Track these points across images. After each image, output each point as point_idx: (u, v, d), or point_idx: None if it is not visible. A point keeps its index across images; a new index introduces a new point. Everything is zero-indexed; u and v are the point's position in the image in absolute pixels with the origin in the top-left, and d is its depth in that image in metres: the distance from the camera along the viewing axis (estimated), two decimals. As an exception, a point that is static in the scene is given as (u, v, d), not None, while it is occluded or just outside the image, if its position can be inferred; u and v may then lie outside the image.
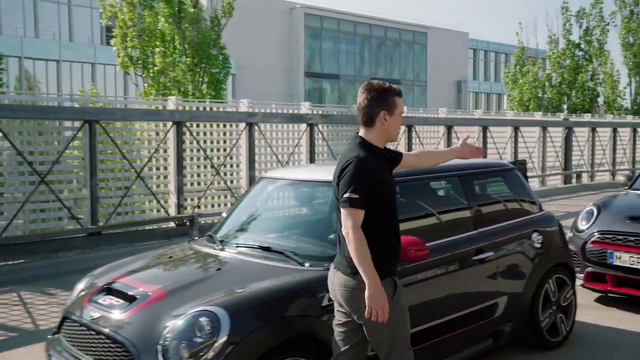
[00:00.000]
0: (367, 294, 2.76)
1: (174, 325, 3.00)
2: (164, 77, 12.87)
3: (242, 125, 9.95)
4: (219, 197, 9.96)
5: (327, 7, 40.33)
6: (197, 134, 9.60)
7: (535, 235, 4.65)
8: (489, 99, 54.78)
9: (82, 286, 3.78)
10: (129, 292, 3.37)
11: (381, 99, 2.94)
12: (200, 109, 10.18)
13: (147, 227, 8.86)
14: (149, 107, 10.16)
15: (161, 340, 2.97)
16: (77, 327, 3.39)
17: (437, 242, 3.92)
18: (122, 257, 4.24)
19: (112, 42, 13.18)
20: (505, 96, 28.88)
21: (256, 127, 10.05)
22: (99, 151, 8.40)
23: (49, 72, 32.94)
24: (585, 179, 17.30)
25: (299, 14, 38.93)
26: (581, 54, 24.93)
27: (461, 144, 3.40)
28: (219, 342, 2.91)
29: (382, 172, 2.94)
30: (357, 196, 2.78)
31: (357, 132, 3.04)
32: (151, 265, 3.88)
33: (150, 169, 9.13)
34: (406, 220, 3.66)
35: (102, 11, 13.28)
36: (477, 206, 4.36)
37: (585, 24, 24.98)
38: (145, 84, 13.40)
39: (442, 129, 13.39)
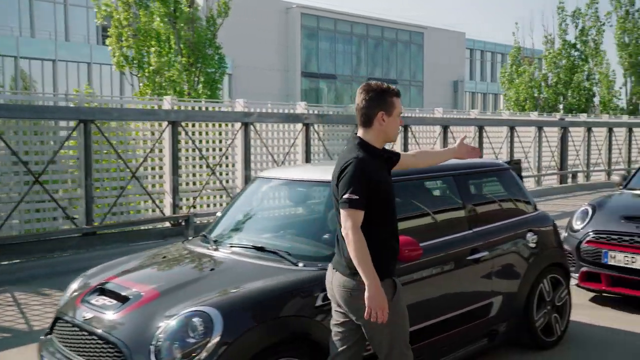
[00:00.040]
0: (366, 295, 2.76)
1: (166, 325, 2.99)
2: (159, 76, 12.84)
3: (237, 125, 9.94)
4: (215, 197, 9.94)
5: (323, 7, 40.35)
6: (193, 134, 9.58)
7: (530, 235, 4.65)
8: (486, 99, 54.88)
9: (75, 286, 3.77)
10: (122, 293, 3.36)
11: (379, 99, 2.94)
12: (195, 108, 10.16)
13: (143, 227, 8.84)
14: (144, 106, 10.14)
15: (154, 340, 2.95)
16: (69, 327, 3.38)
17: (432, 242, 3.92)
18: (117, 257, 4.23)
19: (108, 41, 13.13)
20: (501, 96, 28.92)
21: (252, 127, 10.04)
22: (94, 151, 8.37)
23: (44, 72, 32.88)
24: (580, 179, 17.33)
25: (295, 14, 38.93)
26: (577, 54, 25.00)
27: (458, 144, 3.41)
28: (212, 342, 2.90)
29: (380, 173, 2.94)
30: (357, 197, 2.79)
31: (356, 132, 3.04)
32: (145, 265, 3.87)
33: (145, 168, 9.11)
34: (401, 220, 3.63)
35: (96, 11, 13.22)
36: (471, 206, 4.36)
37: (581, 24, 25.05)
38: (140, 84, 13.37)
39: (438, 129, 13.40)
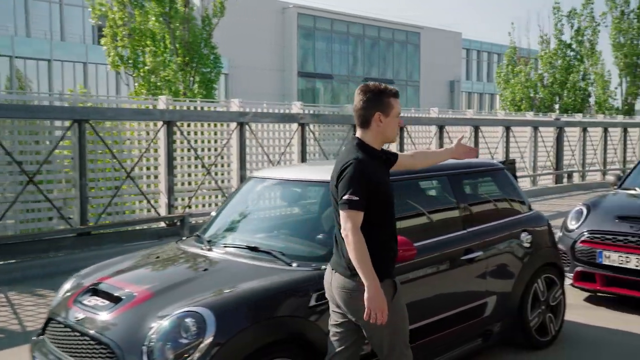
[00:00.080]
0: (366, 296, 2.76)
1: (159, 326, 2.97)
2: (154, 76, 12.81)
3: (233, 124, 9.92)
4: (210, 197, 9.92)
5: (320, 7, 40.34)
6: (188, 134, 9.56)
7: (524, 235, 4.65)
8: (482, 99, 54.95)
9: (67, 287, 3.75)
10: (114, 293, 3.34)
11: (376, 100, 2.94)
12: (191, 108, 10.14)
13: (138, 227, 8.81)
14: (139, 106, 10.11)
15: (146, 341, 2.94)
16: (61, 328, 3.36)
17: (426, 242, 3.91)
18: (112, 258, 4.21)
19: (102, 41, 13.10)
20: (497, 96, 28.95)
21: (247, 127, 10.02)
22: (89, 151, 8.35)
23: (40, 72, 32.78)
24: (576, 179, 17.37)
25: (291, 14, 38.91)
26: (573, 54, 25.05)
27: (456, 145, 3.42)
28: (204, 343, 2.89)
29: (379, 174, 2.95)
30: (357, 198, 2.79)
31: (355, 133, 3.04)
32: (138, 265, 3.85)
33: (140, 168, 9.08)
34: (395, 219, 3.65)
35: (91, 10, 13.18)
36: (466, 206, 4.35)
37: (576, 24, 25.11)
38: (136, 84, 13.34)
39: (433, 129, 13.41)
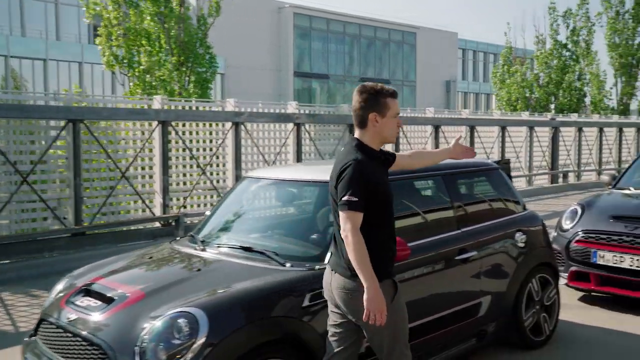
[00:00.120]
0: (365, 297, 2.76)
1: (152, 326, 2.96)
2: (149, 76, 12.77)
3: (228, 124, 9.90)
4: (205, 197, 9.90)
5: (316, 7, 40.33)
6: (183, 134, 9.54)
7: (518, 234, 4.65)
8: (478, 99, 55.03)
9: (60, 287, 3.74)
10: (107, 294, 3.33)
11: (372, 101, 2.94)
12: (186, 108, 10.12)
13: (132, 228, 8.79)
14: (134, 106, 10.08)
15: (139, 342, 2.92)
16: (53, 329, 3.34)
17: (420, 241, 3.91)
18: (106, 258, 4.19)
19: (97, 40, 13.05)
20: (493, 96, 28.99)
21: (243, 127, 10.00)
22: (84, 151, 8.32)
23: (35, 71, 32.67)
24: (571, 179, 17.40)
25: (288, 14, 38.88)
26: (568, 54, 25.10)
27: (454, 144, 3.42)
28: (197, 343, 2.87)
29: (378, 174, 2.95)
30: (356, 199, 2.79)
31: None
32: (131, 266, 3.84)
33: (135, 168, 9.06)
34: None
35: (85, 9, 13.14)
36: (460, 206, 4.35)
37: (572, 24, 25.16)
38: (131, 84, 13.29)
39: (429, 129, 13.42)
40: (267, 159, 10.44)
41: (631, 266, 5.49)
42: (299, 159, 10.69)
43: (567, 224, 6.14)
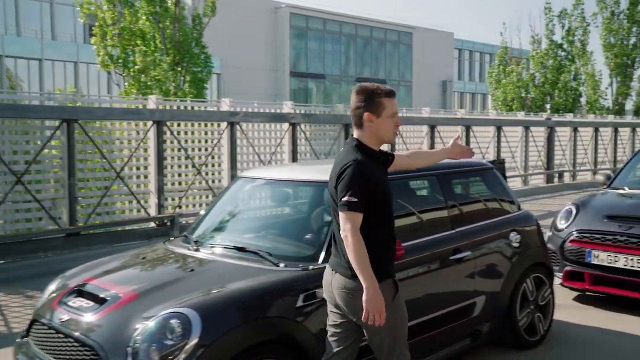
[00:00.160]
0: (364, 298, 2.77)
1: (144, 327, 2.94)
2: (144, 76, 12.74)
3: (223, 124, 9.89)
4: (201, 197, 9.88)
5: (312, 7, 40.31)
6: (178, 134, 9.52)
7: (513, 234, 4.65)
8: (474, 99, 55.09)
9: (53, 288, 3.72)
10: (99, 294, 3.31)
11: (367, 100, 2.95)
12: (181, 108, 10.09)
13: (127, 228, 8.76)
14: (129, 106, 10.06)
15: (131, 342, 2.91)
16: (45, 330, 3.32)
17: (414, 241, 3.90)
18: (101, 258, 4.17)
19: (92, 40, 13.01)
20: (489, 96, 29.03)
21: (238, 127, 9.99)
22: (78, 151, 8.29)
23: (31, 71, 32.56)
24: (567, 179, 17.44)
25: (284, 14, 38.85)
26: (564, 54, 25.15)
27: (452, 144, 3.42)
28: (190, 344, 2.86)
29: (377, 174, 2.95)
30: (356, 199, 2.79)
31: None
32: (124, 266, 3.82)
33: (130, 168, 9.03)
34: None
35: (79, 9, 13.09)
36: (454, 206, 4.34)
37: (567, 24, 25.21)
38: (126, 83, 13.26)
39: (425, 129, 13.42)
40: (263, 158, 10.42)
41: (625, 266, 5.50)
42: (294, 158, 10.68)
43: (561, 224, 6.15)
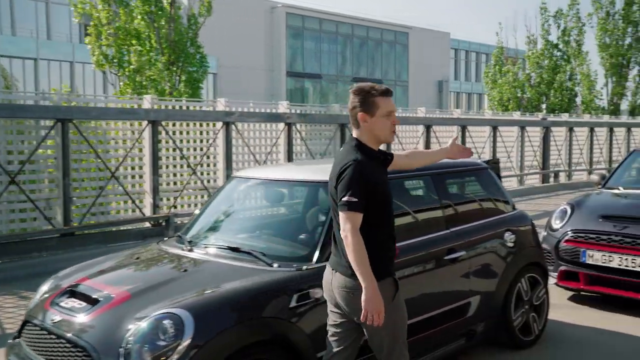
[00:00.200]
0: (363, 298, 2.76)
1: (137, 328, 2.93)
2: (140, 75, 12.70)
3: (219, 124, 9.87)
4: (196, 197, 9.86)
5: (308, 7, 40.30)
6: (173, 133, 9.49)
7: (508, 234, 4.64)
8: (470, 99, 55.18)
9: (45, 288, 3.70)
10: (92, 295, 3.29)
11: (361, 100, 2.95)
12: (176, 107, 10.07)
13: (122, 228, 8.74)
14: (124, 106, 10.03)
15: (124, 343, 2.90)
16: (38, 331, 3.30)
17: (409, 241, 3.89)
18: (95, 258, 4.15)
19: (87, 40, 12.97)
20: (485, 96, 29.08)
21: (233, 127, 9.97)
22: (73, 151, 8.26)
23: (26, 71, 32.46)
24: (562, 178, 17.48)
25: (280, 13, 38.83)
26: (559, 54, 25.21)
27: (451, 144, 3.43)
28: (182, 345, 2.85)
29: (377, 174, 2.95)
30: (356, 199, 2.79)
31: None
32: (117, 266, 3.80)
33: (125, 168, 9.01)
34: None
35: (73, 9, 13.05)
36: (449, 205, 4.34)
37: (563, 24, 25.26)
38: (121, 83, 13.22)
39: (421, 129, 13.43)
40: (258, 158, 10.41)
41: (620, 265, 5.51)
42: (290, 158, 10.67)
43: (556, 224, 6.15)
